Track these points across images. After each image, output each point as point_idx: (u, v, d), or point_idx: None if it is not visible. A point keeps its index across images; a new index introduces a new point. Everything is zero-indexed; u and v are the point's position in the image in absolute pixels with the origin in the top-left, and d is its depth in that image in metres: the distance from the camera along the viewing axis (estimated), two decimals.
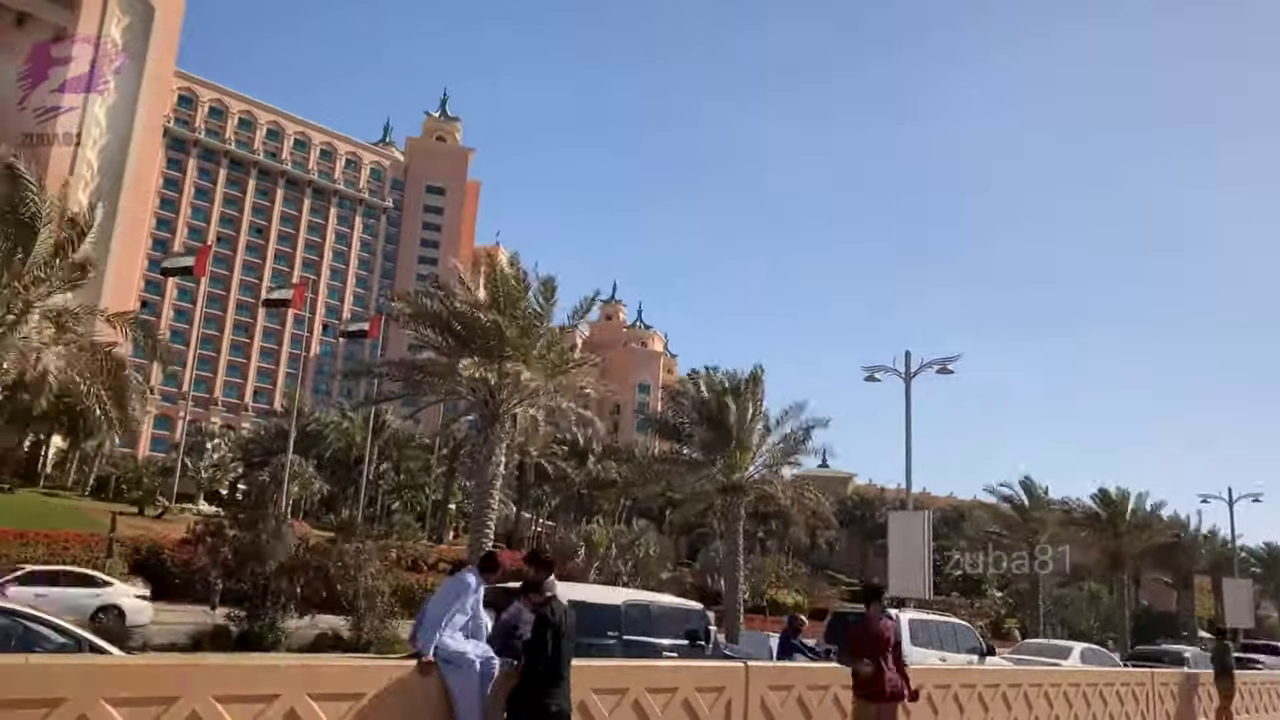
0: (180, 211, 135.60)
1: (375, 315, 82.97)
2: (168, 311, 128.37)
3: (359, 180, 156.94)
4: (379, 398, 40.89)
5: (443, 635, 8.32)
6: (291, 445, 62.49)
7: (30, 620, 9.90)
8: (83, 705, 5.91)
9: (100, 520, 41.29)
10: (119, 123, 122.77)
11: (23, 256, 20.58)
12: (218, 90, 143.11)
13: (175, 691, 6.31)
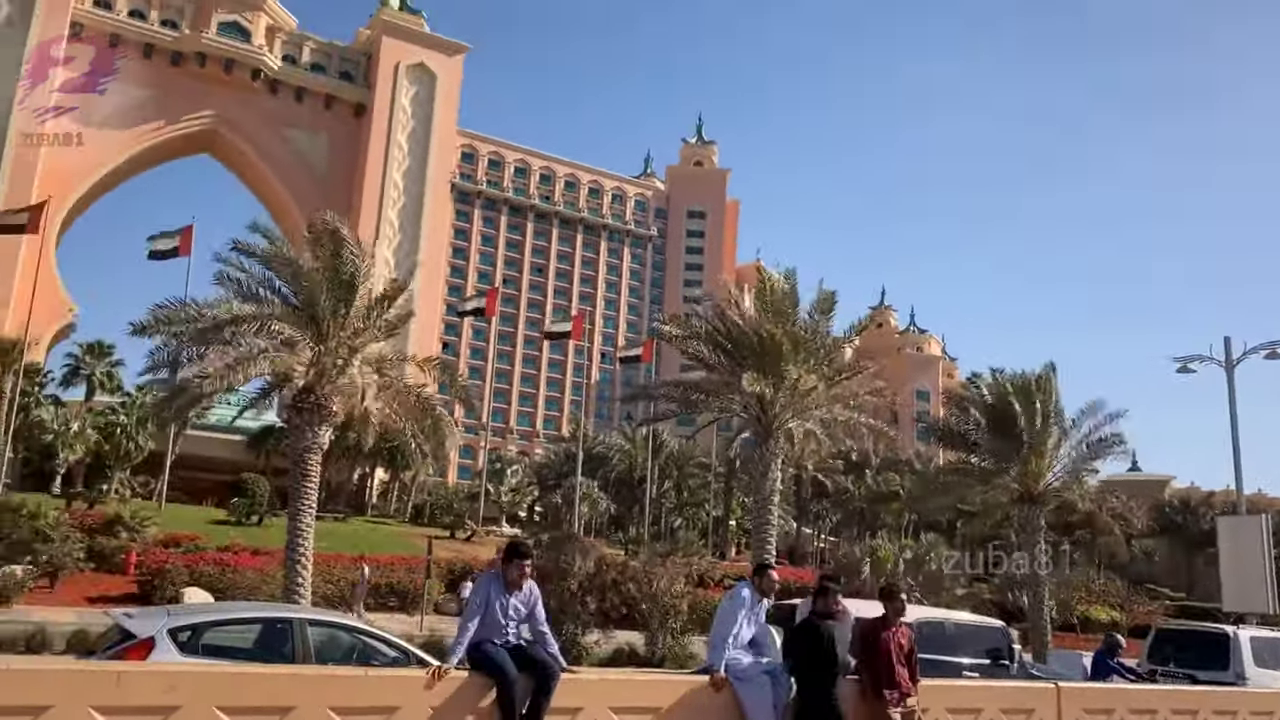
0: (470, 259, 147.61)
1: (647, 340, 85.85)
2: (465, 350, 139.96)
3: (625, 213, 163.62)
4: (655, 418, 42.20)
5: (732, 651, 8.37)
6: (579, 468, 65.88)
7: (368, 636, 11.04)
8: (413, 714, 6.54)
9: (419, 544, 45.49)
10: (413, 185, 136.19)
11: (345, 311, 23.19)
12: (495, 144, 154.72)
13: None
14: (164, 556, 35.35)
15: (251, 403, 30.53)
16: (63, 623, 23.44)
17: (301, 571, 22.82)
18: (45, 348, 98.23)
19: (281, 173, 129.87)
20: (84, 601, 30.07)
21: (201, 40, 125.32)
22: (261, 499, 56.04)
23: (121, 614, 10.71)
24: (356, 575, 35.25)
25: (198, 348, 22.44)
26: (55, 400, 71.41)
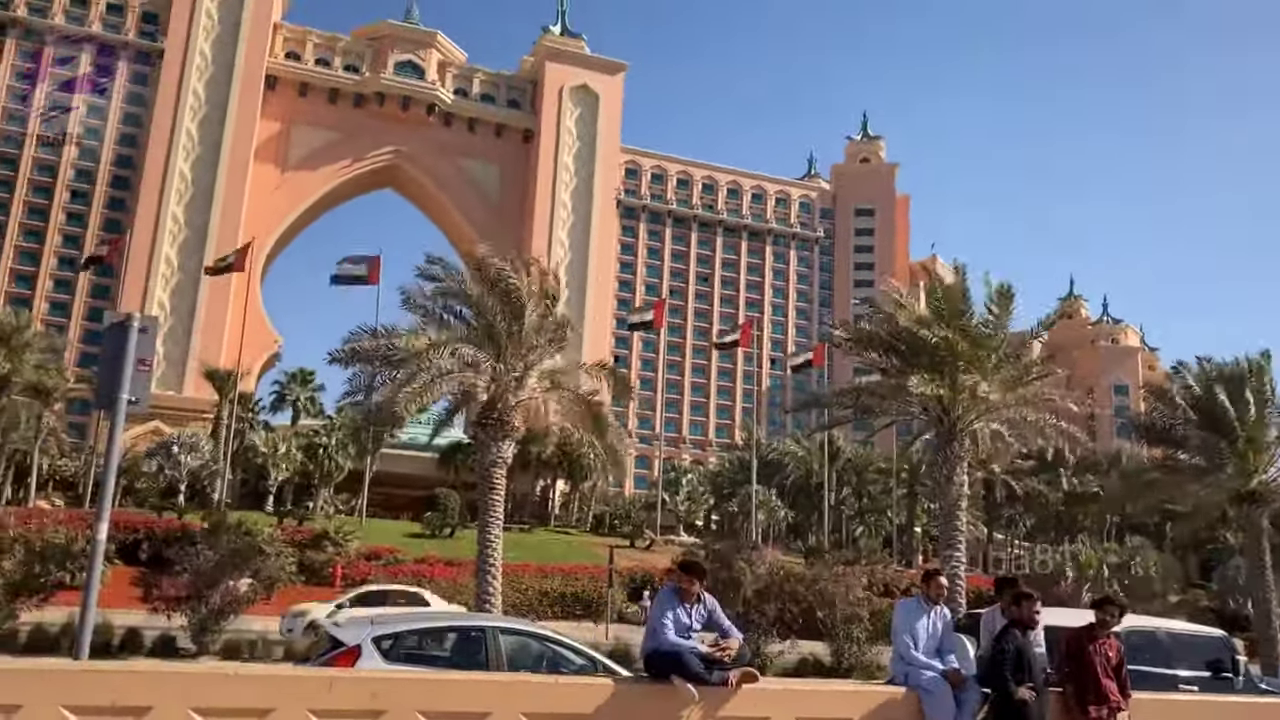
0: (636, 272, 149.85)
1: (818, 344, 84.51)
2: (635, 363, 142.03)
3: (789, 217, 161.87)
4: (829, 424, 41.39)
5: (919, 660, 8.16)
6: (754, 476, 65.48)
7: (557, 644, 11.34)
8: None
9: (600, 554, 46.42)
10: (580, 204, 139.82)
11: (519, 330, 24.07)
12: (657, 157, 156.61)
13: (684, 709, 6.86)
14: (366, 568, 37.64)
15: (440, 421, 32.06)
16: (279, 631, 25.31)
17: (492, 581, 23.74)
18: (255, 377, 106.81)
19: (458, 201, 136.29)
20: None
21: (380, 81, 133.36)
22: (453, 512, 58.73)
23: (331, 623, 11.46)
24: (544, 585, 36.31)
25: (389, 372, 23.83)
26: (266, 425, 77.40)
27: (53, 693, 5.86)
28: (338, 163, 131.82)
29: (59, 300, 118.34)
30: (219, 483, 62.60)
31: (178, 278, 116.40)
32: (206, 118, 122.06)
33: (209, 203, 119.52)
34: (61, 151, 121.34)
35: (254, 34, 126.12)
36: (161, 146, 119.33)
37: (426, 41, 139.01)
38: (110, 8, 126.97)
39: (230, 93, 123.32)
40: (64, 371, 74.84)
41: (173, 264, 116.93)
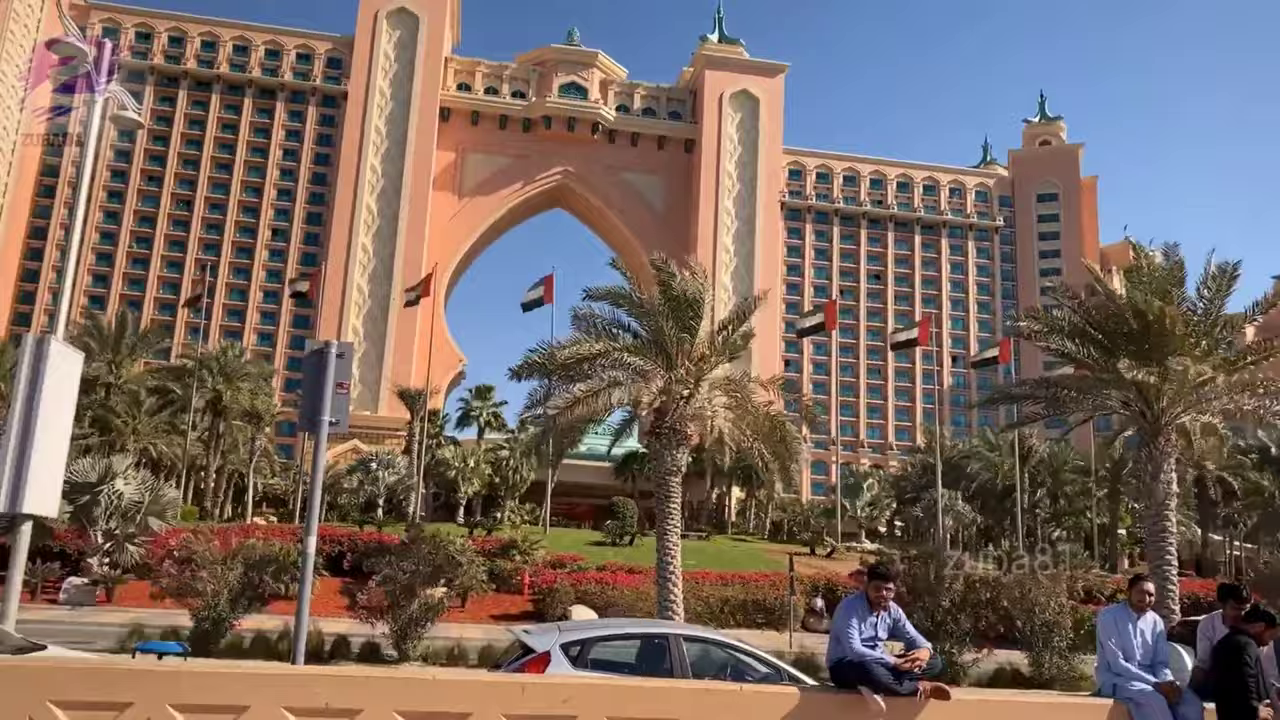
0: (804, 274, 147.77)
1: (1003, 339, 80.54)
2: (807, 366, 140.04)
3: (965, 207, 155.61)
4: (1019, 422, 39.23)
5: (1128, 671, 7.66)
6: (939, 479, 63.13)
7: (740, 652, 11.26)
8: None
9: (779, 560, 45.91)
10: (744, 210, 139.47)
11: (689, 339, 24.19)
12: (821, 156, 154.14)
13: None
14: (552, 576, 38.71)
15: (616, 431, 32.63)
16: (474, 638, 26.39)
17: (672, 589, 23.89)
18: (443, 396, 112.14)
19: (624, 215, 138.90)
20: (489, 619, 33.71)
21: (546, 104, 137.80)
22: (631, 520, 59.61)
23: (521, 630, 11.83)
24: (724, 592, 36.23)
25: (565, 385, 24.47)
26: (453, 441, 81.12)
27: (274, 695, 6.31)
28: (510, 186, 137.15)
29: (265, 331, 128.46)
30: (413, 496, 66.05)
31: (369, 304, 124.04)
32: (388, 153, 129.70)
33: (394, 233, 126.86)
34: (262, 193, 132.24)
35: (427, 70, 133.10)
36: (349, 182, 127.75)
37: (588, 62, 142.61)
38: (300, 57, 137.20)
39: (408, 127, 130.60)
40: (272, 397, 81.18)
41: (364, 292, 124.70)
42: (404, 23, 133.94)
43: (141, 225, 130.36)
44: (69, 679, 5.43)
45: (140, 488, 36.61)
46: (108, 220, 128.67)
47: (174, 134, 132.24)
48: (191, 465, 69.44)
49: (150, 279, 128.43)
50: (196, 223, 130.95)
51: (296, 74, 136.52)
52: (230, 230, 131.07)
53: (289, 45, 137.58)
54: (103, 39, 13.65)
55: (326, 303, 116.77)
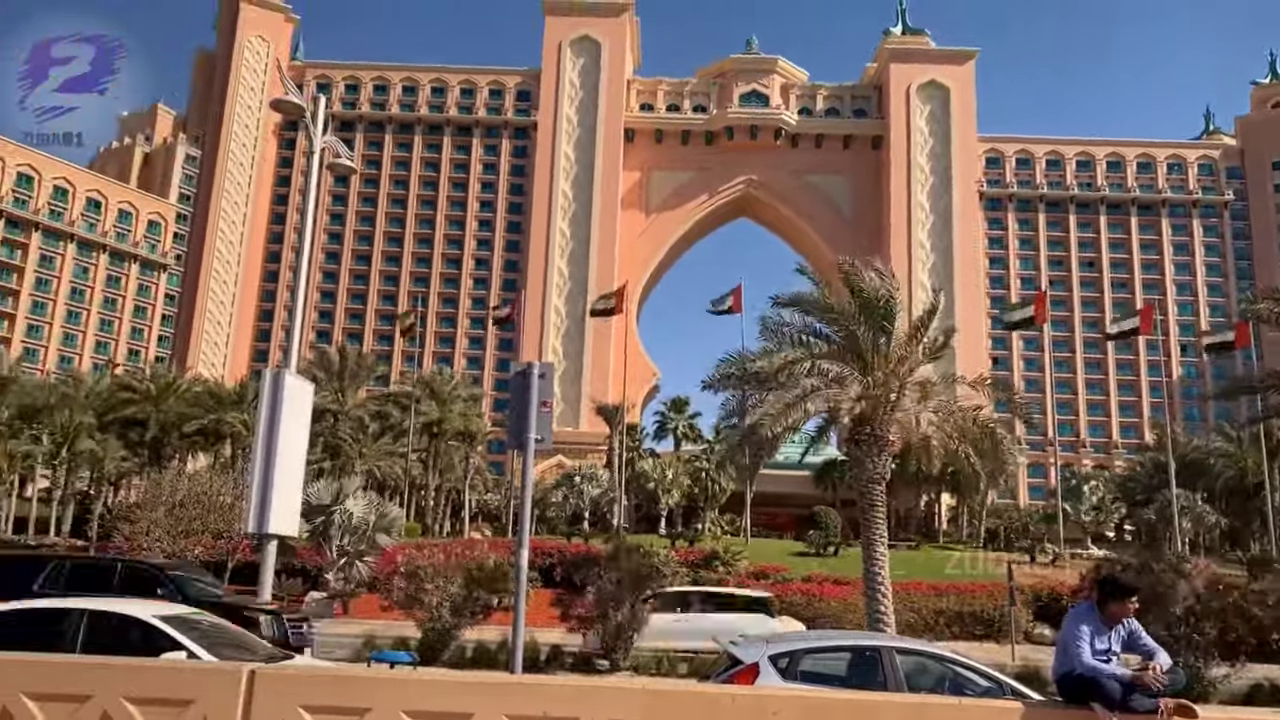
0: (1009, 266, 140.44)
1: (1239, 322, 73.44)
2: (1018, 363, 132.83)
3: (1187, 183, 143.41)
4: (1267, 414, 35.57)
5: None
6: (1173, 479, 58.26)
7: (959, 665, 10.78)
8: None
9: (996, 570, 43.66)
10: (939, 203, 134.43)
11: (885, 341, 23.48)
12: (1020, 141, 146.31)
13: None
14: (756, 587, 38.46)
15: (812, 440, 32.11)
16: (683, 648, 26.61)
17: (882, 600, 23.20)
18: (640, 409, 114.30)
19: (811, 219, 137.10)
20: None
21: (728, 115, 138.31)
22: (834, 530, 58.49)
23: (729, 642, 11.85)
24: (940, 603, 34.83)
25: (758, 395, 24.32)
26: (652, 453, 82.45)
27: (496, 703, 6.60)
28: (695, 200, 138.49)
29: (473, 355, 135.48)
30: (616, 509, 67.60)
31: (566, 324, 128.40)
32: (577, 177, 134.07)
33: (586, 254, 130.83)
34: (464, 225, 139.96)
35: (611, 94, 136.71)
36: (542, 209, 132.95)
37: (768, 68, 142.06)
38: (492, 94, 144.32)
39: (595, 151, 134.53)
40: (482, 418, 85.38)
41: (561, 313, 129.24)
42: (586, 50, 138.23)
43: (358, 264, 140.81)
44: (315, 685, 5.88)
45: (368, 507, 39.31)
46: (329, 261, 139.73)
47: (382, 176, 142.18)
48: (412, 484, 74.00)
49: (368, 313, 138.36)
50: (407, 258, 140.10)
51: (490, 109, 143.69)
52: (437, 262, 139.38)
53: (481, 83, 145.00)
54: (317, 94, 14.86)
55: (527, 325, 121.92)
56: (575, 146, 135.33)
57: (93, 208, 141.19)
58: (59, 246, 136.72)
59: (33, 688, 5.11)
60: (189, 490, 38.26)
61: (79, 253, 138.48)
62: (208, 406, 70.01)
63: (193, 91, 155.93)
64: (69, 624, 10.81)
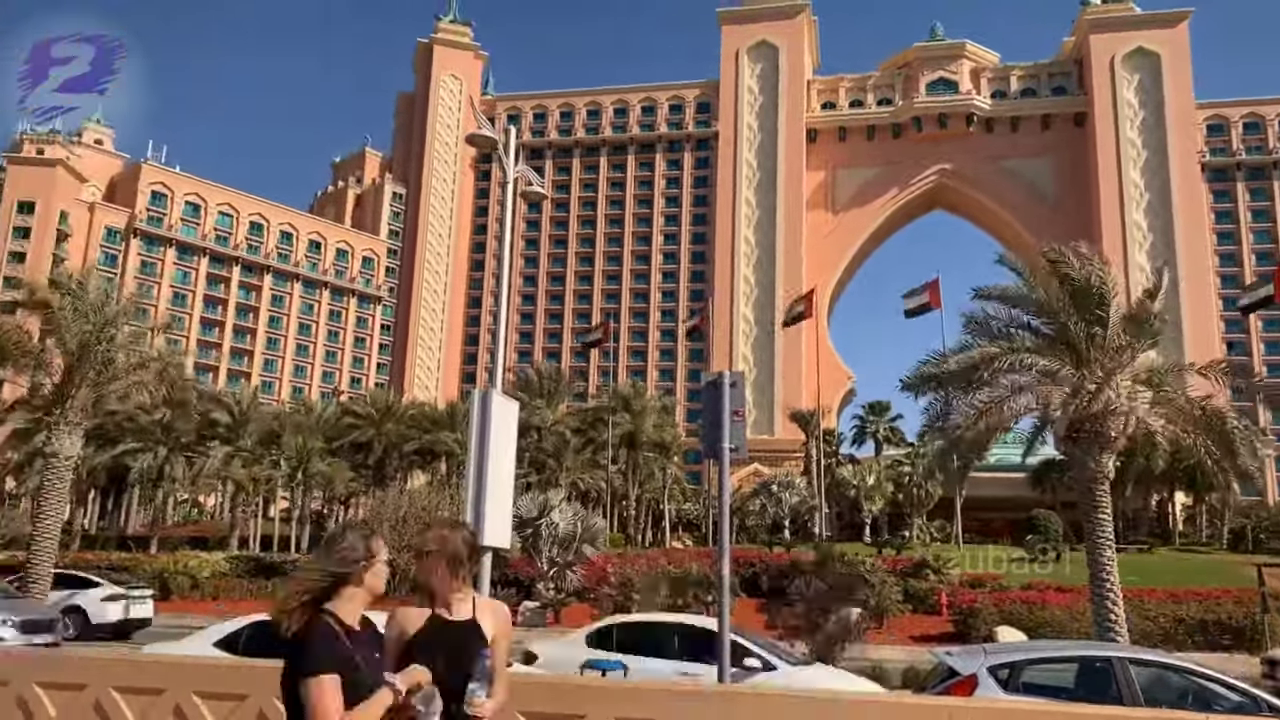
0: (1241, 241, 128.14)
1: None
2: (1256, 346, 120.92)
3: None
4: None
5: None
6: None
7: (1204, 678, 9.91)
8: None
9: (1244, 574, 39.76)
10: (1154, 179, 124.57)
11: (1100, 331, 21.90)
12: (1247, 104, 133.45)
13: None
14: (971, 596, 36.76)
15: (1027, 440, 30.41)
16: (894, 659, 25.83)
17: (1111, 608, 21.62)
18: (835, 414, 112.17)
19: (1010, 206, 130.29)
20: (908, 640, 32.74)
21: (914, 106, 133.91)
22: (1055, 534, 55.10)
23: (944, 653, 11.40)
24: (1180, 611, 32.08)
25: (961, 395, 23.26)
26: (851, 459, 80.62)
27: (705, 710, 6.62)
28: (884, 196, 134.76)
29: (665, 367, 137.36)
30: (817, 517, 66.49)
31: (755, 332, 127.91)
32: (760, 183, 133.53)
33: (772, 260, 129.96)
34: (650, 241, 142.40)
35: (791, 97, 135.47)
36: (726, 218, 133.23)
37: (955, 54, 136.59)
38: (672, 109, 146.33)
39: (777, 155, 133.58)
40: (677, 428, 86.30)
41: (749, 321, 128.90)
42: (764, 55, 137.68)
43: (553, 284, 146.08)
44: (534, 692, 6.10)
45: (573, 519, 40.55)
46: (526, 284, 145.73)
47: (572, 198, 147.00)
48: (614, 495, 75.76)
49: (564, 331, 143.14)
50: (598, 276, 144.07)
51: (670, 124, 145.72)
52: (626, 278, 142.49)
53: (661, 99, 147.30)
54: (508, 126, 15.56)
55: (716, 334, 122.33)
56: (757, 153, 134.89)
57: (314, 248, 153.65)
58: (286, 286, 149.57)
59: (202, 687, 5.57)
60: (410, 507, 40.76)
61: (304, 291, 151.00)
62: (424, 427, 74.42)
63: (396, 133, 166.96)
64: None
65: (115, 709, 5.70)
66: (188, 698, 5.61)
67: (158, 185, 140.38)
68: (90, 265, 52.93)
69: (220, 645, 11.91)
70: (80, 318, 26.63)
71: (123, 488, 74.28)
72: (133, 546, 60.73)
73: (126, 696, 5.69)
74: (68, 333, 26.54)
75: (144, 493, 72.82)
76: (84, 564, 42.06)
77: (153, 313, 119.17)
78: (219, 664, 7.07)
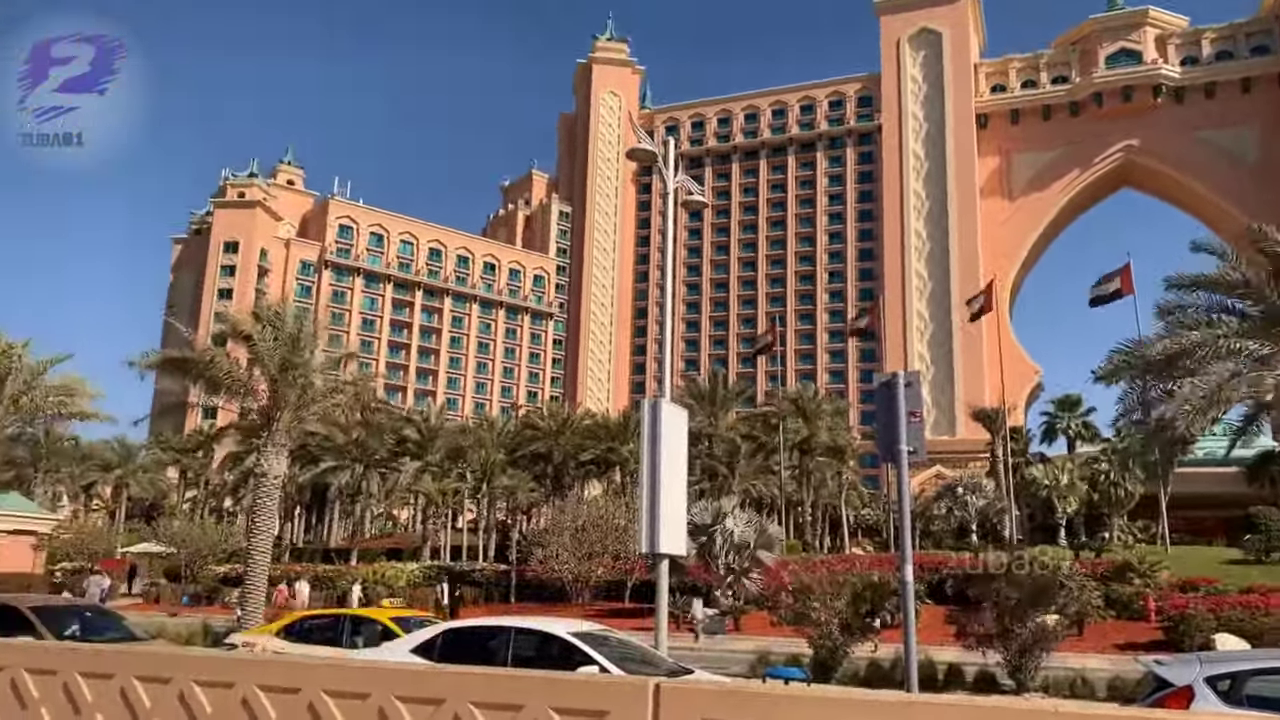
0: None
1: None
2: None
3: None
4: None
5: None
6: None
7: None
8: None
9: None
10: None
11: None
12: None
13: None
14: (1183, 601, 34.09)
15: (1236, 430, 28.03)
16: (1098, 669, 24.27)
17: None
18: (1022, 411, 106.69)
19: (1209, 180, 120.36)
20: (1111, 648, 30.69)
21: (1093, 81, 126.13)
22: (1277, 533, 50.37)
23: (1153, 661, 10.61)
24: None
25: (1160, 385, 21.69)
26: (1041, 458, 76.40)
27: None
28: (1064, 178, 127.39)
29: (835, 369, 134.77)
30: (1006, 519, 63.44)
31: (930, 329, 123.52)
32: (929, 174, 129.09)
33: (945, 252, 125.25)
34: (814, 241, 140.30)
35: (957, 82, 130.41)
36: (894, 212, 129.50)
37: (1136, 22, 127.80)
38: (832, 105, 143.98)
39: (946, 144, 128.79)
40: (850, 432, 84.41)
41: (924, 317, 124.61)
42: (927, 42, 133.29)
43: (717, 291, 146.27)
44: (716, 699, 6.09)
45: (747, 525, 40.36)
46: (690, 292, 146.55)
47: (732, 204, 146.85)
48: (788, 502, 74.86)
49: (730, 337, 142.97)
50: (761, 279, 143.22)
51: (831, 121, 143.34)
52: (791, 280, 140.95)
53: (820, 97, 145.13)
54: (666, 137, 15.71)
55: (888, 333, 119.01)
56: (924, 142, 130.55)
57: (488, 270, 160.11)
58: (465, 307, 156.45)
59: (477, 697, 5.79)
60: (588, 516, 41.68)
61: (481, 311, 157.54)
62: (598, 437, 76.02)
63: (560, 152, 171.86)
64: (500, 640, 12.19)
65: (326, 710, 6.09)
66: (390, 701, 5.92)
67: (344, 219, 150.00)
68: (288, 297, 57.25)
69: (417, 651, 12.52)
70: (280, 346, 28.72)
71: (325, 503, 79.64)
72: (335, 558, 64.92)
73: (335, 700, 6.06)
74: (270, 361, 28.67)
75: (343, 507, 77.79)
76: (294, 575, 45.31)
77: (345, 339, 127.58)
78: (419, 669, 7.43)
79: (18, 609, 15.23)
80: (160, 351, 35.27)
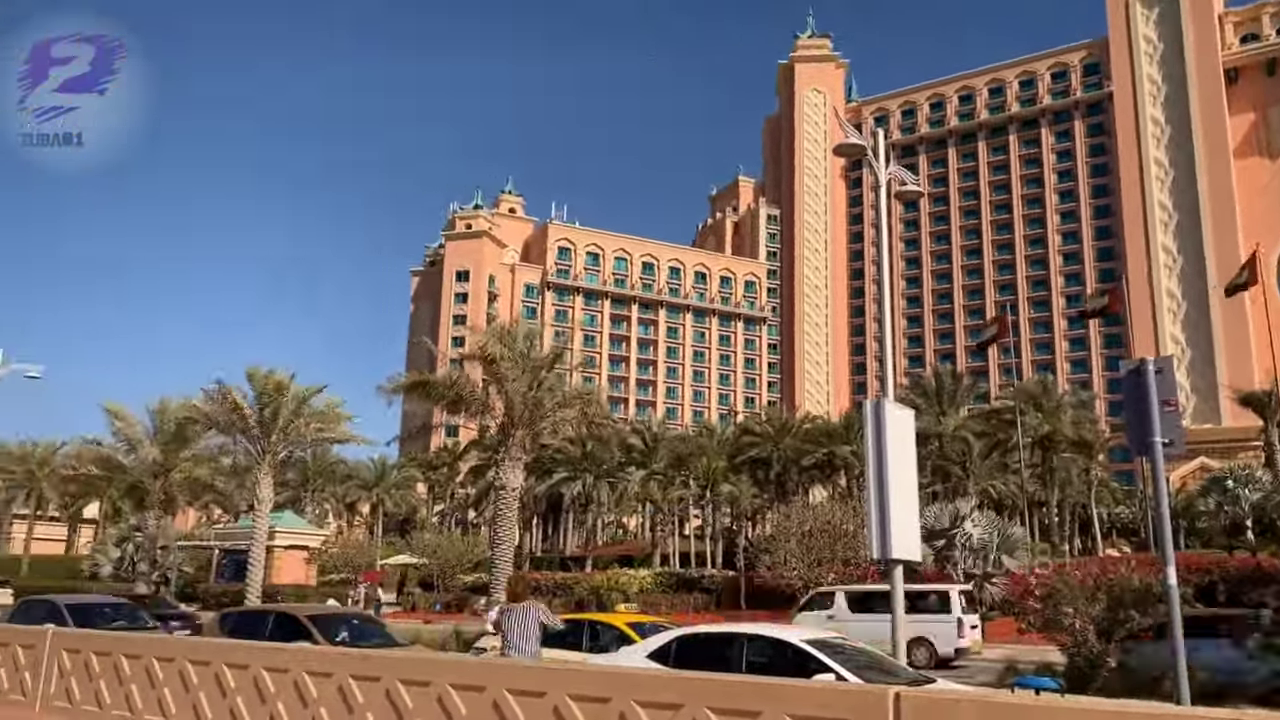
0: None
1: None
2: None
3: None
4: None
5: None
6: None
7: None
8: None
9: None
10: None
11: None
12: None
13: None
14: None
15: None
16: None
17: None
18: None
19: None
20: None
21: None
22: None
23: None
24: None
25: None
26: None
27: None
28: None
29: (1076, 358, 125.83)
30: None
31: (1184, 308, 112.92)
32: (1171, 139, 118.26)
33: (1196, 224, 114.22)
34: (1044, 222, 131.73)
35: (1199, 36, 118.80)
36: (1133, 184, 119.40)
37: None
38: (1055, 77, 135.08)
39: (1189, 105, 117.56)
40: (1097, 423, 78.48)
41: (1175, 296, 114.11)
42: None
43: (939, 283, 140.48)
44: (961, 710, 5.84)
45: (988, 528, 38.39)
46: (910, 286, 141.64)
47: (950, 191, 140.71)
48: (1029, 502, 70.59)
49: (956, 330, 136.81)
50: (988, 267, 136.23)
51: (1054, 94, 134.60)
52: (1021, 266, 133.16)
53: (1041, 69, 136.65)
54: (875, 129, 15.30)
55: (1135, 315, 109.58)
56: (1164, 106, 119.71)
57: (699, 279, 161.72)
58: (679, 318, 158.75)
59: (714, 703, 5.84)
60: (815, 521, 41.07)
61: (695, 320, 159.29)
62: (819, 441, 74.79)
63: (765, 156, 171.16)
64: (734, 647, 12.23)
65: (569, 713, 6.32)
66: (630, 705, 6.07)
67: (562, 241, 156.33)
68: (516, 319, 60.29)
69: (653, 657, 12.77)
70: (515, 366, 30.29)
71: (560, 513, 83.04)
72: (570, 566, 67.52)
73: (579, 704, 6.29)
74: (507, 380, 30.29)
75: (577, 516, 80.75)
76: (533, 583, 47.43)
77: (569, 356, 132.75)
78: (657, 674, 7.60)
79: (296, 617, 16.92)
80: (406, 375, 38.03)
